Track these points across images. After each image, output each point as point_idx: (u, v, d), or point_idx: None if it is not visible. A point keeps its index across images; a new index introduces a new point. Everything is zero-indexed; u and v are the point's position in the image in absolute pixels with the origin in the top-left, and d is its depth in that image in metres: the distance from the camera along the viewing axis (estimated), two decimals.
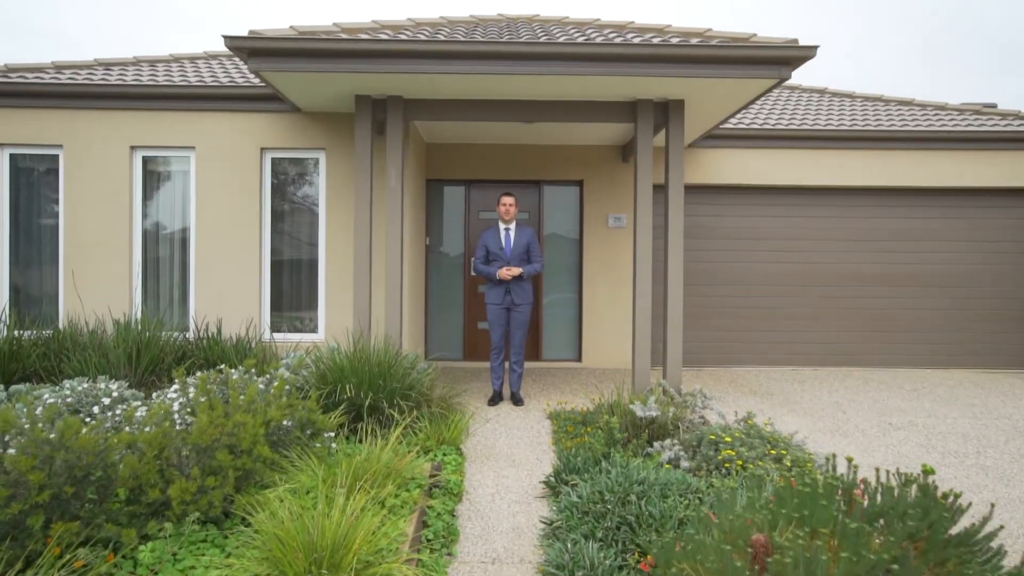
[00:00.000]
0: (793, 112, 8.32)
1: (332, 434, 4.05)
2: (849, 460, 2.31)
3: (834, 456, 2.46)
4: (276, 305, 6.38)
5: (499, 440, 4.75)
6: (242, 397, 3.75)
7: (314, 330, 6.36)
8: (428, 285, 7.73)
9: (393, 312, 5.54)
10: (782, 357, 7.90)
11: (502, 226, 5.69)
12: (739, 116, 7.81)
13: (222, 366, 4.95)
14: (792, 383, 6.90)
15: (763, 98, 8.38)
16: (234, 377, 4.58)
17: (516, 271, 5.50)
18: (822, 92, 9.45)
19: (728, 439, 4.13)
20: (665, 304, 5.76)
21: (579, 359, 7.75)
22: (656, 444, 4.33)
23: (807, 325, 7.91)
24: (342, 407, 4.45)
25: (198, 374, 4.69)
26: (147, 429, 3.13)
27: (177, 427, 3.31)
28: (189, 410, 3.85)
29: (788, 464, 3.92)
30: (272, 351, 6.01)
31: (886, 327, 7.92)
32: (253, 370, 4.88)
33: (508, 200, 5.64)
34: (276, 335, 6.28)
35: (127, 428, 3.40)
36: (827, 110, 8.42)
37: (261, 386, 4.39)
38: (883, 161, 7.73)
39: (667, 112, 5.66)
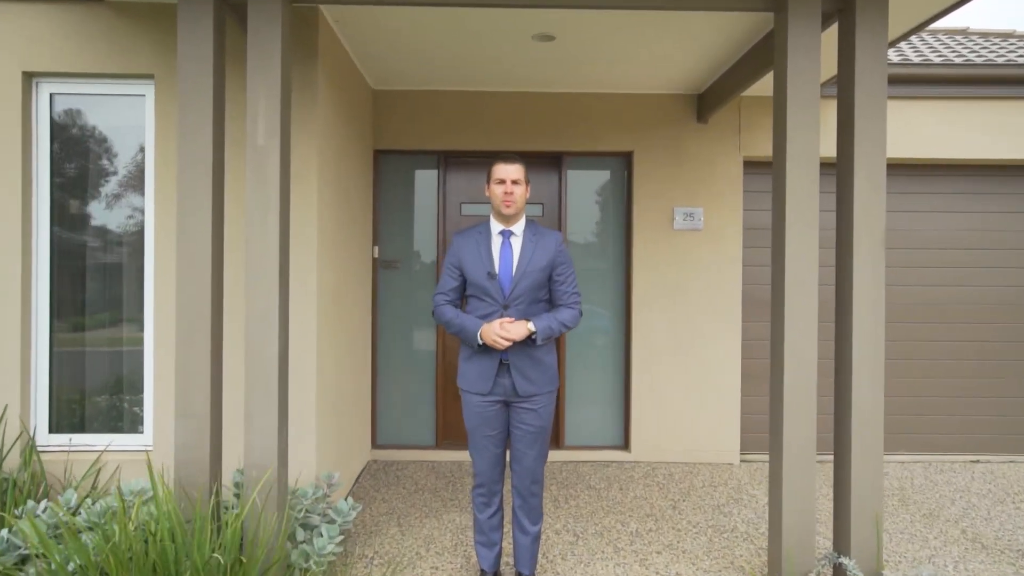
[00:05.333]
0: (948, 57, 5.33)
1: None
2: None
3: None
4: (62, 377, 3.36)
5: None
6: None
7: (136, 428, 3.33)
8: (377, 325, 4.73)
9: (262, 411, 2.52)
10: (937, 439, 4.87)
11: (495, 228, 2.65)
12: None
13: None
14: (1014, 504, 3.89)
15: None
16: None
17: (522, 330, 2.48)
18: (964, 32, 6.54)
19: None
20: (843, 369, 2.75)
21: (626, 446, 4.74)
22: None
23: (974, 388, 4.89)
24: None
25: None
26: None
27: None
28: None
29: None
30: (49, 476, 3.01)
31: None
32: None
33: (508, 171, 2.60)
34: (58, 438, 3.25)
35: None
36: (996, 52, 5.42)
37: None
38: None
39: None
